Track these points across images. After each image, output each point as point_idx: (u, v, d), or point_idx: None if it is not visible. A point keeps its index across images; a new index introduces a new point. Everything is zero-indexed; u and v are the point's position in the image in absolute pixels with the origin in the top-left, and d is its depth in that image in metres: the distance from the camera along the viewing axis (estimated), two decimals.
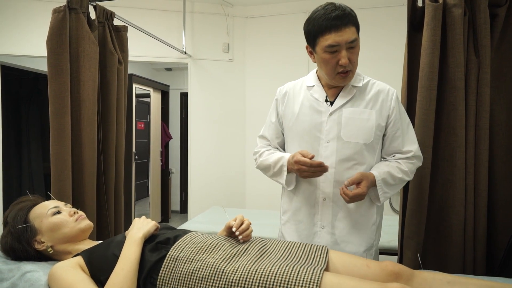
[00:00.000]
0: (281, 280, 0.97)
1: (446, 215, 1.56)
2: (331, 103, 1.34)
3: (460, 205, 1.51)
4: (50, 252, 1.20)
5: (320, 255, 1.14)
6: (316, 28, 1.22)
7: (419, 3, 1.58)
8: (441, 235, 1.58)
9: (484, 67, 1.48)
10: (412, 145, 1.35)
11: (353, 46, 1.21)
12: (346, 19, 1.18)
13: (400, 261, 1.61)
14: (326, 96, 1.36)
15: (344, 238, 1.34)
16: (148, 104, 4.74)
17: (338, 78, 1.28)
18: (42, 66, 3.58)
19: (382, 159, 1.40)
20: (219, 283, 0.99)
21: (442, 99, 1.55)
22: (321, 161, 1.22)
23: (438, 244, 1.59)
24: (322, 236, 1.35)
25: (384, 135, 1.36)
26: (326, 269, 1.10)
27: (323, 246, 1.20)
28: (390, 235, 2.10)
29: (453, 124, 1.52)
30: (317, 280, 0.96)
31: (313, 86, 1.39)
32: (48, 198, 1.38)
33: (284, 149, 1.50)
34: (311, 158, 1.23)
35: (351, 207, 1.34)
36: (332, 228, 1.34)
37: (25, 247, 1.18)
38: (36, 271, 1.08)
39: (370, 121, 1.31)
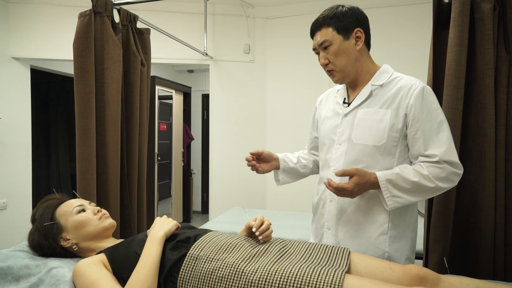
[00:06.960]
0: (301, 281, 0.95)
1: (474, 218, 1.50)
2: (349, 104, 1.31)
3: (489, 207, 1.45)
4: (75, 249, 1.23)
5: (342, 257, 1.11)
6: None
7: None
8: (469, 238, 1.52)
9: None
10: (438, 148, 1.16)
11: (325, 46, 1.25)
12: (317, 23, 1.26)
13: (426, 265, 1.56)
14: (345, 98, 1.35)
15: (346, 242, 1.28)
16: (170, 105, 4.81)
17: (331, 77, 1.31)
18: (70, 69, 3.70)
19: (411, 163, 1.27)
20: (238, 283, 0.99)
21: (470, 98, 1.49)
22: (249, 156, 1.40)
23: (466, 248, 1.53)
24: (328, 238, 1.33)
25: (407, 137, 1.24)
26: (348, 271, 1.07)
27: (344, 248, 1.17)
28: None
29: (481, 123, 1.46)
30: (338, 282, 0.94)
31: (339, 89, 1.41)
32: (74, 196, 1.42)
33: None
34: (255, 153, 1.41)
35: (357, 211, 1.26)
36: (336, 230, 1.31)
37: (51, 243, 1.21)
38: (61, 267, 1.11)
39: (383, 122, 1.21)
